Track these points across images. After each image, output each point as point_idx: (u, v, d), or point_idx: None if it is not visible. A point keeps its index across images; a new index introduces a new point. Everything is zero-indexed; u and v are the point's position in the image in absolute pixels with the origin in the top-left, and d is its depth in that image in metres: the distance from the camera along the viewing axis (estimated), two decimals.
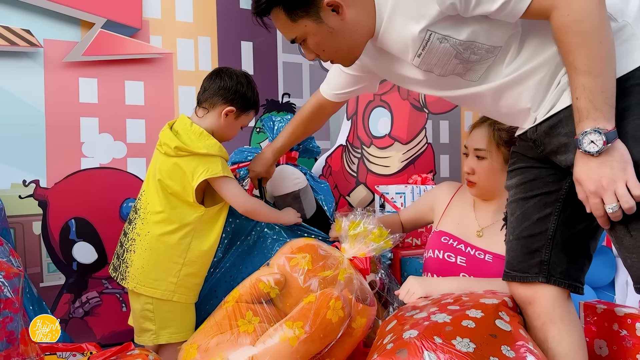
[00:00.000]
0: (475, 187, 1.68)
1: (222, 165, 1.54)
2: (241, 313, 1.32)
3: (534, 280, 1.20)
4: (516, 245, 1.25)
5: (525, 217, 1.23)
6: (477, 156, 1.65)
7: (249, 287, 1.37)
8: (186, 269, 1.55)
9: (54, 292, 2.00)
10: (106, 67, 2.10)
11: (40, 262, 2.00)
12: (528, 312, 1.23)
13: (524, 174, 1.26)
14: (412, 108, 2.77)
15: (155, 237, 1.54)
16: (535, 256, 1.21)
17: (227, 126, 1.62)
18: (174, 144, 1.52)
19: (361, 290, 1.39)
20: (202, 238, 1.57)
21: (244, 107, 1.61)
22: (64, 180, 2.03)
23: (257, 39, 2.41)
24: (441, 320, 1.12)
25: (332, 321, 1.25)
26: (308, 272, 1.36)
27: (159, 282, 1.53)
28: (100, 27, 2.06)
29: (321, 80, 1.69)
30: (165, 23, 2.23)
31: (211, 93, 1.60)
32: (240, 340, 1.26)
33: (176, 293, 1.54)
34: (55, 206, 2.01)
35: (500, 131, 1.62)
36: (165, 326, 1.54)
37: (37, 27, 1.98)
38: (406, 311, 1.27)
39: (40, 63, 2.00)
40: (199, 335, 1.35)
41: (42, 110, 2.01)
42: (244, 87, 1.60)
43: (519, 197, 1.26)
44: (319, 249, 1.43)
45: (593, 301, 1.44)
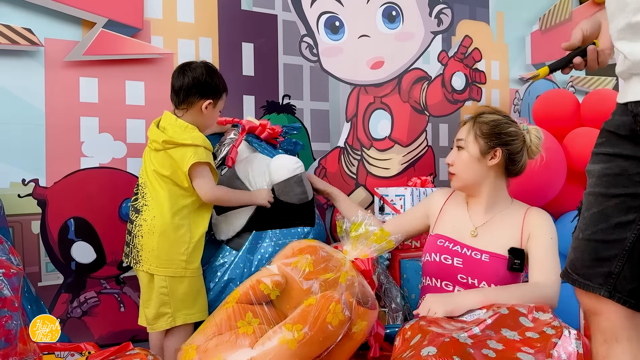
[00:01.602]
0: (454, 179, 1.74)
1: (207, 154, 1.68)
2: (241, 314, 1.32)
3: (595, 292, 1.09)
4: (585, 246, 1.11)
5: (603, 218, 1.09)
6: (457, 147, 1.73)
7: (249, 287, 1.37)
8: (192, 247, 1.68)
9: (52, 291, 2.00)
10: (107, 66, 2.10)
11: (39, 261, 1.99)
12: (593, 322, 1.13)
13: (608, 162, 1.10)
14: (413, 111, 2.77)
15: (161, 221, 1.67)
16: (604, 265, 1.08)
17: (209, 117, 1.77)
18: (162, 139, 1.67)
19: (363, 293, 1.38)
20: (197, 222, 1.72)
21: (217, 95, 1.75)
22: (63, 179, 2.02)
23: (258, 41, 2.41)
24: (462, 340, 1.06)
25: (332, 324, 1.24)
26: (309, 273, 1.36)
27: (170, 261, 1.66)
28: (102, 27, 2.06)
29: (322, 82, 1.71)
30: (166, 23, 2.23)
31: (186, 94, 1.72)
32: (240, 342, 1.26)
33: (188, 269, 1.67)
34: (55, 205, 2.00)
35: (480, 123, 1.69)
36: (180, 307, 1.66)
37: (38, 26, 1.98)
38: (431, 325, 1.22)
39: (41, 62, 2.00)
40: (199, 335, 1.35)
41: (42, 109, 2.00)
42: (211, 77, 1.73)
43: (598, 190, 1.11)
44: (320, 250, 1.43)
45: None
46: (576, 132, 2.39)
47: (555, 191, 2.39)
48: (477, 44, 2.94)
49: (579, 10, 3.19)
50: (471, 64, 2.92)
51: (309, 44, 2.52)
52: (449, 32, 2.87)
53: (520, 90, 3.09)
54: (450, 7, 2.85)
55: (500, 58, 3.06)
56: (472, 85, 2.92)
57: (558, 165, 2.34)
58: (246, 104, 2.39)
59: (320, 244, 1.47)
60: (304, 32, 2.51)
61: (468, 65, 2.91)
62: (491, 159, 1.68)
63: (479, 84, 2.94)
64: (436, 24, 2.83)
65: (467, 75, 2.91)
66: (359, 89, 2.64)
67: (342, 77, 2.60)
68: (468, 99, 2.91)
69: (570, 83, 3.18)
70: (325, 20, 2.56)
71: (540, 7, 3.15)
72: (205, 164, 1.68)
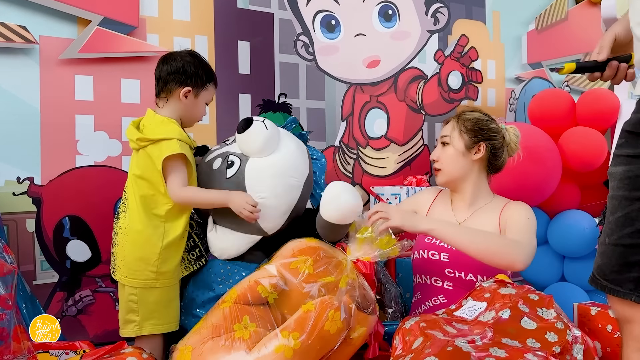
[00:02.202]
0: (440, 174, 1.77)
1: (180, 145, 1.56)
2: (238, 316, 1.29)
3: (627, 297, 1.07)
4: (612, 252, 1.10)
5: (628, 222, 1.07)
6: (442, 143, 1.76)
7: (247, 288, 1.34)
8: (163, 257, 1.57)
9: (47, 290, 1.99)
10: (102, 64, 2.10)
11: (34, 259, 1.98)
12: (625, 329, 1.11)
13: (630, 164, 1.09)
14: (409, 109, 2.77)
15: (132, 229, 1.58)
16: (633, 270, 1.06)
17: (191, 107, 1.66)
18: (136, 137, 1.59)
19: (363, 297, 1.34)
20: (173, 222, 1.60)
21: (199, 84, 1.64)
22: (58, 177, 2.02)
23: (254, 39, 2.41)
24: (465, 349, 1.04)
25: (330, 332, 1.22)
26: (309, 276, 1.33)
27: (139, 272, 1.57)
28: (97, 25, 2.06)
29: (318, 81, 1.70)
30: (162, 21, 2.22)
31: (164, 81, 1.63)
32: (235, 346, 1.23)
33: (158, 280, 1.58)
34: (50, 204, 1.99)
35: (464, 120, 1.74)
36: (148, 317, 1.57)
37: (33, 23, 1.97)
38: (432, 327, 1.19)
39: (36, 60, 1.99)
40: (194, 336, 1.32)
41: (37, 107, 1.99)
42: (191, 65, 1.63)
43: (622, 194, 1.10)
44: (321, 251, 1.39)
45: (587, 303, 1.45)
46: (572, 131, 2.39)
47: (551, 190, 2.40)
48: (473, 43, 2.95)
49: (575, 10, 3.20)
50: (467, 63, 2.92)
51: (304, 43, 2.52)
52: (446, 31, 2.88)
53: (516, 89, 3.10)
54: (446, 6, 2.86)
55: (497, 57, 3.06)
56: (468, 84, 2.93)
57: (553, 164, 2.34)
58: (242, 102, 2.39)
59: (321, 244, 1.43)
60: (300, 31, 2.51)
61: (464, 64, 2.91)
62: (475, 153, 1.73)
63: (475, 83, 2.95)
64: (432, 23, 2.83)
65: (463, 74, 2.91)
66: (355, 87, 2.64)
67: (338, 75, 2.60)
68: (464, 98, 2.92)
69: (566, 83, 3.18)
70: (321, 18, 2.56)
71: (537, 7, 3.16)
72: (178, 158, 1.56)
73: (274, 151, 1.66)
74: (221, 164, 1.68)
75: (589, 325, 1.39)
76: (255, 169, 1.64)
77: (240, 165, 1.65)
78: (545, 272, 2.49)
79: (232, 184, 1.63)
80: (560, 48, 3.14)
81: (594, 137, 2.34)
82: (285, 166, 1.66)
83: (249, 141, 1.63)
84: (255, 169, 1.64)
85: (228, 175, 1.65)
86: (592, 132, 2.36)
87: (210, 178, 1.70)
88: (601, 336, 1.36)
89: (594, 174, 2.42)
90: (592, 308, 1.39)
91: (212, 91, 1.72)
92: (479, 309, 1.21)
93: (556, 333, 1.09)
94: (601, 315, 1.36)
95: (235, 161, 1.66)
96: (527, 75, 3.12)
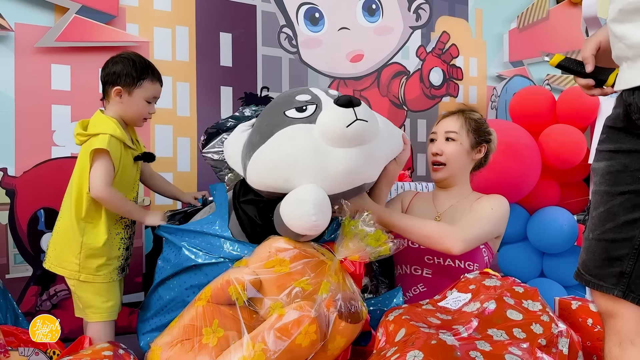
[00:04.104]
0: (443, 169, 1.76)
1: (110, 141, 1.56)
2: (208, 319, 1.25)
3: (609, 292, 1.07)
4: (595, 247, 1.10)
5: (610, 217, 1.07)
6: (447, 138, 1.75)
7: (219, 287, 1.28)
8: (85, 252, 1.58)
9: (20, 284, 1.94)
10: (80, 54, 2.05)
11: (7, 253, 1.93)
12: (608, 323, 1.11)
13: (611, 159, 1.10)
14: (391, 105, 2.77)
15: (62, 221, 1.63)
16: (615, 265, 1.06)
17: (127, 105, 1.66)
18: (76, 132, 1.63)
19: (348, 302, 1.25)
20: (92, 231, 1.59)
21: (129, 82, 1.64)
22: (33, 169, 1.97)
23: (236, 31, 2.38)
24: (450, 342, 1.03)
25: (301, 346, 1.14)
26: (286, 277, 1.25)
27: (66, 262, 1.60)
28: (75, 13, 2.01)
29: (301, 74, 1.67)
30: (142, 11, 2.18)
31: (102, 84, 1.68)
32: (201, 353, 1.20)
33: (81, 273, 1.59)
34: (24, 195, 1.94)
35: (470, 119, 1.76)
36: (88, 305, 1.60)
37: (9, 10, 1.92)
38: (415, 319, 1.17)
39: (11, 47, 1.94)
40: (167, 334, 1.29)
41: (12, 96, 1.94)
42: (117, 64, 1.64)
43: (604, 189, 1.10)
44: (301, 250, 1.30)
45: (568, 297, 1.45)
46: (552, 128, 2.41)
47: (530, 187, 2.42)
48: (456, 40, 2.95)
49: (556, 9, 3.23)
50: (449, 60, 2.93)
51: (288, 35, 2.50)
52: (428, 27, 2.88)
53: (497, 87, 3.12)
54: (428, 3, 2.86)
55: (478, 55, 3.08)
56: (449, 81, 2.94)
57: (533, 161, 2.36)
58: (224, 95, 2.35)
59: (302, 244, 1.32)
60: (283, 23, 2.49)
61: (445, 61, 2.92)
62: (477, 153, 1.78)
63: (455, 80, 2.96)
64: (415, 19, 2.83)
65: (444, 70, 2.92)
66: (338, 81, 2.63)
67: (322, 69, 2.58)
68: (445, 95, 2.92)
69: (547, 81, 3.21)
70: (305, 11, 2.54)
71: (518, 5, 3.18)
72: (104, 153, 1.54)
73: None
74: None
75: (570, 319, 1.40)
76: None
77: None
78: (524, 268, 2.51)
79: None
80: (541, 47, 3.17)
81: (573, 135, 2.37)
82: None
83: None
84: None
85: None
86: (571, 129, 2.38)
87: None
88: (582, 330, 1.36)
89: (574, 171, 2.45)
90: (572, 302, 1.40)
91: (150, 87, 1.68)
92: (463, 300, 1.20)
93: (542, 325, 1.09)
94: (582, 309, 1.37)
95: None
96: (509, 74, 3.14)
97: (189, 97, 2.29)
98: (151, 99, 1.69)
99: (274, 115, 1.40)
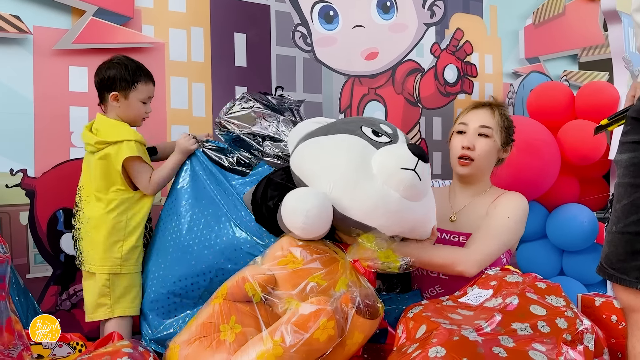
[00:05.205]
0: (471, 165, 1.68)
1: (137, 147, 1.69)
2: (225, 316, 1.25)
3: (633, 286, 1.06)
4: (619, 240, 1.08)
5: (634, 209, 1.06)
6: (480, 134, 1.67)
7: (235, 285, 1.29)
8: (127, 244, 1.69)
9: (40, 283, 1.96)
10: (97, 55, 2.05)
11: (27, 253, 1.95)
12: (631, 318, 1.09)
13: (635, 151, 1.09)
14: (406, 102, 2.75)
15: (94, 221, 1.69)
16: (639, 258, 1.05)
17: (125, 108, 1.74)
18: (94, 141, 1.69)
19: (366, 298, 1.24)
20: (134, 209, 1.72)
21: (124, 86, 1.72)
22: (52, 170, 1.99)
23: (250, 31, 2.38)
24: (472, 338, 1.02)
25: (319, 340, 1.13)
26: (301, 272, 1.25)
27: (105, 259, 1.67)
28: (92, 15, 2.02)
29: (315, 73, 1.67)
30: (157, 12, 2.19)
31: (98, 90, 1.76)
32: (219, 350, 1.20)
33: (123, 267, 1.68)
34: (43, 196, 1.96)
35: (504, 116, 1.69)
36: (119, 300, 1.67)
37: (27, 13, 1.94)
38: (436, 315, 1.16)
39: (30, 50, 1.96)
40: (185, 332, 1.31)
41: (31, 99, 1.96)
42: (110, 70, 1.72)
43: (627, 181, 1.09)
44: (313, 247, 1.30)
45: (591, 294, 1.43)
46: (571, 124, 2.38)
47: (549, 184, 2.39)
48: (471, 37, 2.93)
49: (572, 4, 3.18)
50: (463, 57, 2.91)
51: (302, 34, 2.50)
52: (442, 24, 2.86)
53: (514, 84, 3.09)
54: (442, 0, 2.84)
55: (494, 52, 3.05)
56: (463, 78, 2.91)
57: (551, 157, 2.34)
58: (238, 95, 2.35)
59: (313, 241, 1.32)
60: (298, 22, 2.49)
61: (460, 58, 2.90)
62: (504, 152, 1.73)
63: (470, 77, 2.93)
64: (429, 16, 2.82)
65: (459, 68, 2.90)
66: (353, 79, 2.62)
67: (336, 67, 2.58)
68: (460, 92, 2.90)
69: (564, 77, 3.17)
70: (319, 9, 2.53)
71: (534, 1, 3.14)
72: (137, 158, 1.69)
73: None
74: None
75: (594, 316, 1.37)
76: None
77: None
78: (543, 266, 2.48)
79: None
80: (557, 43, 3.13)
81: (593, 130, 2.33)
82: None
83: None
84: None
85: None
86: (591, 125, 2.35)
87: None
88: (606, 327, 1.34)
89: (593, 167, 2.41)
90: (596, 299, 1.38)
91: (144, 89, 1.76)
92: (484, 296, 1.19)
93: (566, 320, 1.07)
94: (605, 306, 1.35)
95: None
96: (525, 70, 3.11)
97: (204, 98, 2.30)
98: (146, 99, 1.78)
99: (350, 123, 1.44)
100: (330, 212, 1.28)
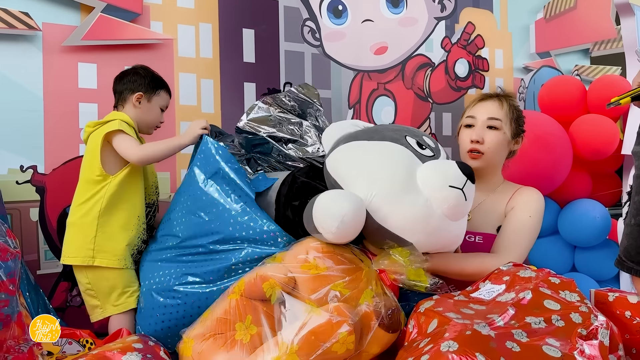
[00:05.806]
0: (481, 158, 1.64)
1: (120, 124, 1.62)
2: (242, 314, 1.23)
3: None
4: (637, 233, 1.09)
5: None
6: (489, 127, 1.63)
7: (253, 282, 1.26)
8: (101, 236, 1.60)
9: (51, 279, 1.96)
10: (106, 52, 2.06)
11: (38, 249, 1.96)
12: None
13: None
14: (416, 97, 2.73)
15: (72, 213, 1.65)
16: None
17: (145, 111, 1.74)
18: (86, 127, 1.69)
19: (390, 310, 1.20)
20: (111, 210, 1.61)
21: (149, 89, 1.74)
22: (62, 166, 1.99)
23: (259, 27, 2.37)
24: (485, 333, 0.99)
25: (337, 353, 1.10)
26: (322, 278, 1.20)
27: (77, 250, 1.61)
28: (100, 12, 2.02)
29: (324, 69, 1.65)
30: (166, 8, 2.19)
31: (119, 92, 1.75)
32: (234, 350, 1.19)
33: (96, 258, 1.60)
34: (53, 192, 1.96)
35: (512, 107, 1.64)
36: (107, 299, 1.61)
37: (36, 10, 1.94)
38: (448, 310, 1.13)
39: (39, 47, 1.96)
40: (199, 326, 1.29)
41: (41, 95, 1.97)
42: (139, 73, 1.75)
43: None
44: (339, 254, 1.25)
45: (605, 289, 1.41)
46: (583, 118, 2.35)
47: (561, 179, 2.36)
48: (481, 31, 2.90)
49: None
50: (474, 51, 2.88)
51: (311, 29, 2.48)
52: (453, 19, 2.84)
53: (525, 78, 3.06)
54: None
55: (504, 46, 3.02)
56: (475, 73, 2.89)
57: (563, 152, 2.31)
58: (247, 91, 2.35)
59: (339, 247, 1.27)
60: (306, 16, 2.48)
61: (471, 52, 2.87)
62: (514, 144, 1.68)
63: (481, 71, 2.91)
64: (439, 10, 2.79)
65: (470, 62, 2.87)
66: (362, 74, 2.61)
67: (345, 62, 2.56)
68: (471, 86, 2.88)
69: (576, 72, 3.14)
70: (328, 4, 2.52)
71: None
72: (120, 132, 1.60)
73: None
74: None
75: (607, 311, 1.35)
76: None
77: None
78: (555, 262, 2.46)
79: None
80: (569, 37, 3.10)
81: (605, 125, 2.30)
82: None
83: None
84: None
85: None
86: (603, 119, 2.32)
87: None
88: (620, 323, 1.31)
89: (606, 162, 2.38)
90: (609, 294, 1.35)
91: (166, 97, 1.80)
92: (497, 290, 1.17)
93: (581, 315, 1.05)
94: (619, 301, 1.32)
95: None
96: (536, 65, 3.08)
97: (212, 94, 2.29)
98: (164, 107, 1.80)
99: (395, 131, 1.39)
100: (364, 218, 1.23)
